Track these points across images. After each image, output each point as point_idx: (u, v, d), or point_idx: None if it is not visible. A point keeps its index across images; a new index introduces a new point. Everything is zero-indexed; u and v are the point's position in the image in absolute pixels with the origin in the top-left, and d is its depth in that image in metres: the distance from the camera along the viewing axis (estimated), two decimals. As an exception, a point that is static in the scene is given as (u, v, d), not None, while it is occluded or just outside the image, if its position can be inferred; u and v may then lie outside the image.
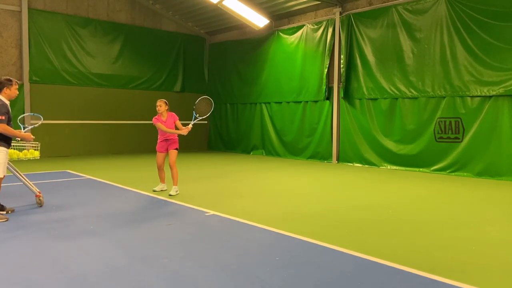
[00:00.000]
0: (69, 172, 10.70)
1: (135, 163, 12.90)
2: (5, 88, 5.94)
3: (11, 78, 6.04)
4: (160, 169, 8.04)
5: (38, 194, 6.74)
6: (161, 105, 7.89)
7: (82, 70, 15.00)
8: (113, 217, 6.14)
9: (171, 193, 7.69)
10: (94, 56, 15.26)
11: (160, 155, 7.95)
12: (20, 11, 13.78)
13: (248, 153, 16.40)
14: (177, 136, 7.89)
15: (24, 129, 6.81)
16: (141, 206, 6.94)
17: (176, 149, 7.87)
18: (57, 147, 14.40)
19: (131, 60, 16.13)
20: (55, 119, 14.43)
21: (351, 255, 4.53)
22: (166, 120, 7.85)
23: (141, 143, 16.41)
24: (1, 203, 6.26)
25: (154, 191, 8.04)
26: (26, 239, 5.06)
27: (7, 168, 6.72)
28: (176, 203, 7.08)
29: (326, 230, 5.56)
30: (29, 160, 7.04)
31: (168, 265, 4.21)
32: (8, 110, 5.89)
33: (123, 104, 16.01)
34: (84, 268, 4.11)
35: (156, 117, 7.89)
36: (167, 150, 7.89)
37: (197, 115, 7.95)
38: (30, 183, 6.74)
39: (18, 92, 6.15)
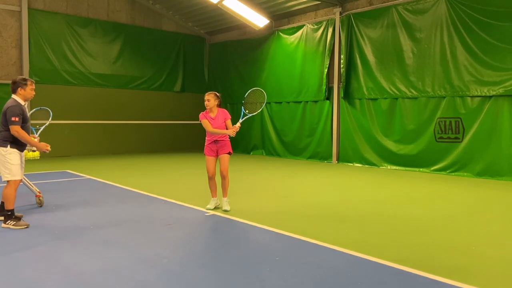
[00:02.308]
0: (69, 172, 10.69)
1: (135, 163, 12.90)
2: (19, 89, 5.70)
3: (26, 78, 5.80)
4: (211, 178, 6.60)
5: (38, 194, 6.74)
6: (210, 99, 6.40)
7: (82, 70, 15.00)
8: (113, 217, 6.13)
9: (226, 208, 6.48)
10: (94, 56, 15.26)
11: (210, 160, 6.53)
12: (20, 11, 13.78)
13: (248, 153, 16.39)
14: (229, 138, 6.55)
15: (36, 132, 6.69)
16: (140, 206, 6.94)
17: (229, 153, 6.55)
18: (57, 147, 14.36)
19: (131, 60, 16.13)
20: (55, 119, 14.32)
21: (351, 255, 4.52)
22: (214, 118, 6.46)
23: (141, 143, 16.42)
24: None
25: (208, 209, 6.58)
26: (26, 239, 5.06)
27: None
28: (176, 203, 7.08)
29: (326, 230, 5.56)
30: (29, 160, 7.04)
31: (168, 265, 4.21)
32: (23, 112, 5.64)
33: (123, 104, 16.00)
34: (84, 268, 4.11)
35: (203, 113, 6.52)
36: (217, 154, 6.57)
37: (247, 111, 6.65)
38: (30, 183, 6.75)
39: (34, 93, 5.88)
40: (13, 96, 5.74)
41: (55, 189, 8.29)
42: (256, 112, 6.75)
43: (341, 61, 13.03)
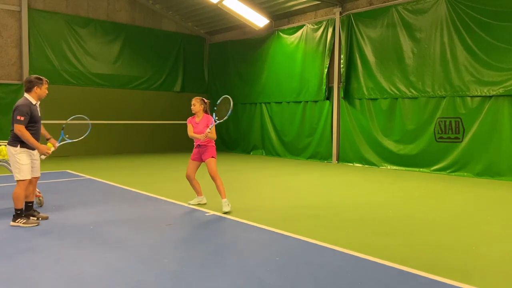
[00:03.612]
0: (69, 172, 10.69)
1: (135, 163, 12.90)
2: (35, 88, 5.66)
3: (41, 77, 5.77)
4: (188, 179, 6.89)
5: (38, 194, 6.73)
6: (195, 104, 6.67)
7: (82, 70, 15.00)
8: (113, 217, 6.13)
9: (225, 209, 6.39)
10: (94, 56, 15.26)
11: (190, 163, 6.83)
12: (20, 11, 13.77)
13: (248, 153, 16.39)
14: (214, 143, 6.78)
15: (59, 141, 6.55)
16: (140, 206, 6.94)
17: (213, 157, 6.64)
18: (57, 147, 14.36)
19: (131, 60, 16.13)
20: (55, 119, 14.41)
21: (351, 255, 4.52)
22: (198, 123, 6.70)
23: (141, 143, 16.41)
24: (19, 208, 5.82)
25: (189, 204, 6.94)
26: (26, 239, 5.06)
27: (7, 167, 6.73)
28: (176, 203, 7.08)
29: (326, 230, 5.56)
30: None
31: (168, 265, 4.21)
32: (32, 111, 5.59)
33: (123, 104, 15.99)
34: (84, 268, 4.11)
35: (190, 117, 6.85)
36: (201, 159, 6.77)
37: (216, 118, 6.63)
38: (30, 183, 6.73)
39: (47, 91, 5.83)
40: (26, 94, 5.69)
41: (55, 189, 8.29)
42: (223, 119, 6.57)
43: (341, 61, 13.03)
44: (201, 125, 6.66)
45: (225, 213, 6.35)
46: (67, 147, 14.57)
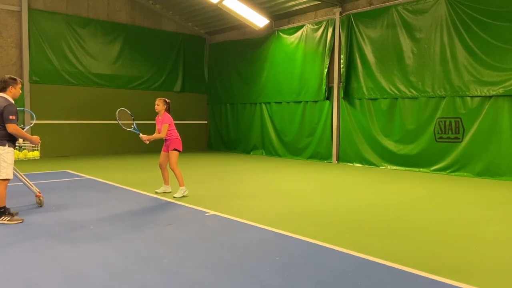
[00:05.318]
0: (69, 172, 10.69)
1: (135, 163, 12.90)
2: (10, 87, 5.80)
3: (15, 77, 5.93)
4: (160, 168, 7.90)
5: (38, 194, 6.74)
6: (159, 104, 7.75)
7: (82, 70, 15.00)
8: (113, 217, 6.14)
9: (176, 195, 7.50)
10: (94, 56, 15.26)
11: (161, 154, 7.87)
12: (20, 11, 13.78)
13: (248, 153, 16.39)
14: (179, 137, 7.78)
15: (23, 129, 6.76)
16: (141, 206, 6.94)
17: (175, 149, 7.65)
18: (57, 147, 14.39)
19: (131, 60, 16.13)
20: (55, 119, 14.43)
21: (351, 255, 4.52)
22: (160, 120, 7.75)
23: (141, 143, 16.31)
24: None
25: (156, 192, 7.89)
26: (26, 239, 5.06)
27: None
28: (176, 203, 7.08)
29: (326, 230, 5.56)
30: (29, 160, 7.04)
31: (168, 265, 4.21)
32: (17, 110, 5.80)
33: (123, 104, 15.82)
34: (84, 268, 4.11)
35: (157, 115, 7.89)
36: (168, 150, 7.76)
37: (131, 128, 8.07)
38: (30, 183, 6.74)
39: (21, 91, 6.02)
40: (3, 94, 5.80)
41: (55, 189, 8.28)
42: (132, 127, 8.14)
43: (341, 61, 13.03)
44: (160, 122, 7.71)
45: (175, 198, 7.34)
46: (67, 147, 14.66)
